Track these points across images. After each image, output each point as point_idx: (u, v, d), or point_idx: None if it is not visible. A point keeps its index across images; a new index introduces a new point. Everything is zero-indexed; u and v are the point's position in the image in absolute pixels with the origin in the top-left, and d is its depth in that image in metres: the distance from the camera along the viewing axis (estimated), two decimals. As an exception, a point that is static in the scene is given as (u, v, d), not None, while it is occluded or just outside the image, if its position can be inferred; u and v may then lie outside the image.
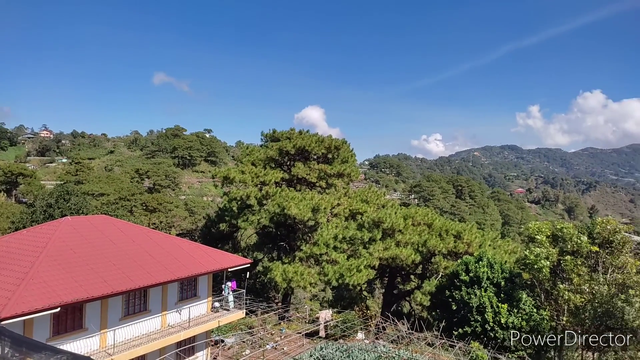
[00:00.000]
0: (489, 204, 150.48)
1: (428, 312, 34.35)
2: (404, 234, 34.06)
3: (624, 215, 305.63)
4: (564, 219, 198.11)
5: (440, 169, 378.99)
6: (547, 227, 29.94)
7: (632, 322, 22.70)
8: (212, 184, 52.81)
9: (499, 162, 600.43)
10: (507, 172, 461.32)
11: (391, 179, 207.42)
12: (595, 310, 25.11)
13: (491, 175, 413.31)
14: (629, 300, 23.17)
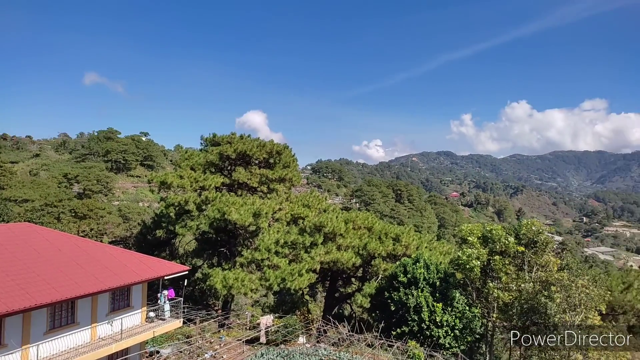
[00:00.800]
0: (426, 208, 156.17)
1: (368, 314, 35.01)
2: (345, 237, 34.48)
3: (548, 217, 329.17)
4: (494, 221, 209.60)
5: (380, 174, 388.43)
6: (478, 229, 31.61)
7: (554, 316, 24.38)
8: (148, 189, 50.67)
9: (436, 167, 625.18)
10: (442, 176, 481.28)
11: (333, 184, 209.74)
12: (522, 307, 26.77)
13: (428, 180, 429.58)
14: (550, 296, 24.88)
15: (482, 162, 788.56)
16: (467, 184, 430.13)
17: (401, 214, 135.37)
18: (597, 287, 25.59)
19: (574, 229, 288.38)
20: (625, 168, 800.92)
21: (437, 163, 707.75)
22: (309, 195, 37.24)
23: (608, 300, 27.50)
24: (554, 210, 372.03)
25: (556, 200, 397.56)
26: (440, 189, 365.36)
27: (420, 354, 25.38)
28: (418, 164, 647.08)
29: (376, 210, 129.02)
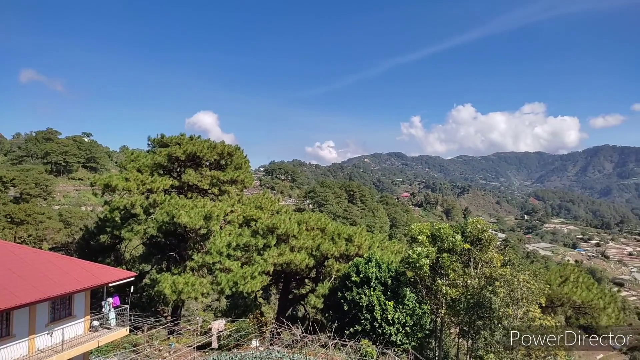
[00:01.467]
0: (379, 208, 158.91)
1: (322, 314, 35.13)
2: (298, 239, 34.41)
3: (492, 215, 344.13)
4: (442, 220, 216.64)
5: (333, 175, 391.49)
6: (427, 228, 32.52)
7: (498, 310, 25.45)
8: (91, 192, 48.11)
9: (387, 168, 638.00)
10: (394, 177, 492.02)
11: (286, 185, 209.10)
12: (468, 302, 27.76)
13: (380, 181, 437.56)
14: (495, 291, 25.96)
15: (431, 163, 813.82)
16: (417, 184, 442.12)
17: (354, 214, 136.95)
18: (537, 281, 26.95)
19: (516, 226, 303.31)
20: (562, 168, 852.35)
21: (389, 164, 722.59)
22: (262, 196, 36.87)
23: (547, 293, 28.98)
24: (498, 208, 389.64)
25: (499, 199, 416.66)
26: (391, 189, 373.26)
27: (372, 352, 25.74)
28: (370, 165, 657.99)
29: (329, 211, 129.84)
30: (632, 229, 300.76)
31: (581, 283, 34.23)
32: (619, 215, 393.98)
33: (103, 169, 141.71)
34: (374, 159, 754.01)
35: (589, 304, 32.74)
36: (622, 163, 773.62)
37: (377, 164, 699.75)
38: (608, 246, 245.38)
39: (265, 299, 57.64)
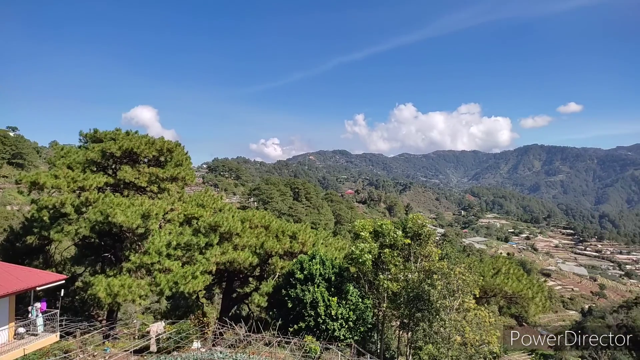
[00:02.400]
0: (324, 205, 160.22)
1: (266, 313, 34.88)
2: (241, 237, 33.90)
3: (432, 211, 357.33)
4: (385, 217, 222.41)
5: (278, 172, 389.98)
6: (370, 225, 33.19)
7: (436, 302, 26.46)
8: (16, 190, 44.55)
9: (332, 165, 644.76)
10: (338, 174, 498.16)
11: (230, 183, 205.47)
12: (408, 295, 28.66)
13: (325, 178, 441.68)
14: (433, 284, 26.96)
15: (375, 160, 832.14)
16: (362, 181, 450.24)
17: (299, 211, 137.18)
18: (472, 273, 28.25)
19: (454, 221, 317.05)
20: (495, 166, 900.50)
21: (333, 161, 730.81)
22: (204, 194, 35.93)
23: (481, 285, 30.52)
24: (437, 204, 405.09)
25: (439, 196, 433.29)
26: (336, 186, 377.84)
27: (316, 348, 25.89)
28: (315, 162, 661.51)
29: (274, 208, 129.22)
30: (557, 223, 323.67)
31: (512, 274, 36.38)
32: (547, 210, 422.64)
33: (30, 165, 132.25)
34: (319, 156, 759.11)
35: (519, 294, 34.83)
36: (549, 161, 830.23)
37: (322, 161, 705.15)
38: (537, 239, 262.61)
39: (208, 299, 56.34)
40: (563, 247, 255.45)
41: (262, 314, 36.84)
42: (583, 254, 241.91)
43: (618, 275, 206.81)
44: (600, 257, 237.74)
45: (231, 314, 39.45)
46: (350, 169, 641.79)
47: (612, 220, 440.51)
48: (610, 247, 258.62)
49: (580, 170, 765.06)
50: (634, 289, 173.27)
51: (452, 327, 25.50)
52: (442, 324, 25.91)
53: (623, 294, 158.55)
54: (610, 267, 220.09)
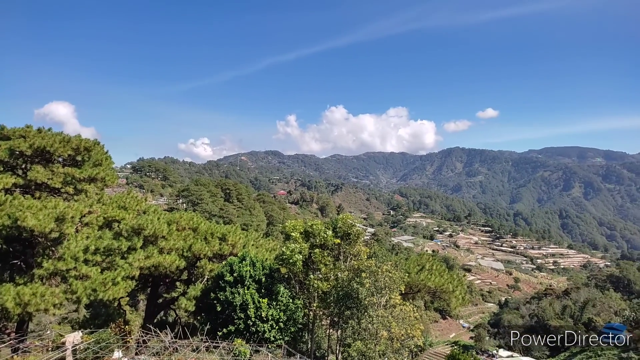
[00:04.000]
0: (256, 206, 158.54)
1: (194, 317, 33.89)
2: (167, 240, 32.63)
3: (363, 211, 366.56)
4: (318, 217, 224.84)
5: (209, 173, 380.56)
6: (301, 225, 33.31)
7: (364, 299, 27.15)
8: None
9: (264, 166, 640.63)
10: (271, 175, 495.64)
11: (157, 184, 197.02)
12: (338, 294, 29.14)
13: (257, 179, 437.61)
14: (361, 282, 27.64)
15: (307, 161, 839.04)
16: (294, 182, 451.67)
17: (230, 213, 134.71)
18: (398, 270, 29.34)
19: (384, 221, 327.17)
20: (421, 167, 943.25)
21: (266, 162, 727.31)
22: (126, 195, 34.07)
23: (407, 281, 31.82)
24: (368, 205, 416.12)
25: (369, 196, 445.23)
26: (268, 187, 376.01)
27: (245, 351, 25.52)
28: (247, 163, 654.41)
29: (204, 210, 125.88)
30: (477, 221, 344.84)
31: (435, 270, 38.23)
32: (467, 209, 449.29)
33: None
34: (251, 157, 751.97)
35: (441, 289, 36.65)
36: (470, 163, 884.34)
37: (254, 162, 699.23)
38: (459, 237, 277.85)
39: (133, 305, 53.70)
40: (482, 244, 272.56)
41: (190, 319, 35.73)
42: (500, 250, 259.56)
43: (530, 269, 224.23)
44: (514, 252, 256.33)
45: (157, 320, 37.87)
46: (282, 169, 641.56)
47: (525, 218, 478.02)
48: (523, 242, 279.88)
49: (497, 172, 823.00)
50: (543, 281, 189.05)
51: (380, 323, 26.31)
52: (370, 320, 26.65)
53: (535, 286, 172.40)
54: (524, 262, 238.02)
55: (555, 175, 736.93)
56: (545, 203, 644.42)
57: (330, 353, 36.41)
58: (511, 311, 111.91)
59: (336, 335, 31.99)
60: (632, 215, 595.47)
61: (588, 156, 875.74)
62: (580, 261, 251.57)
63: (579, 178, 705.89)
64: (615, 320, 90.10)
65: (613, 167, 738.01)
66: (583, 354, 76.08)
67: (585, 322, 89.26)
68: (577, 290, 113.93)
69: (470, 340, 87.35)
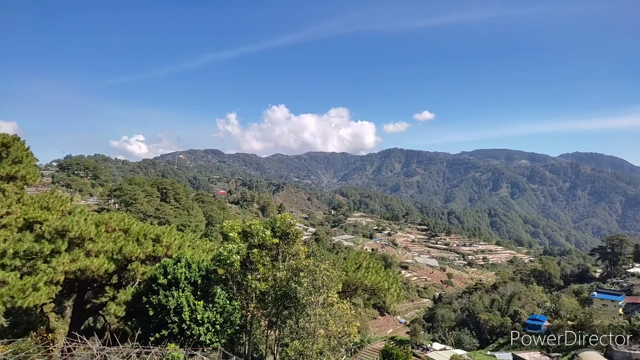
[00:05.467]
0: (194, 206, 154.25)
1: (125, 323, 32.38)
2: (95, 242, 30.93)
3: (304, 211, 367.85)
4: (258, 217, 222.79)
5: (144, 172, 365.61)
6: (239, 225, 32.87)
7: (302, 299, 27.22)
8: None
9: (203, 165, 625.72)
10: (210, 175, 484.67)
11: (86, 183, 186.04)
12: (276, 294, 29.03)
13: (196, 178, 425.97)
14: (299, 281, 27.69)
15: (248, 160, 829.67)
16: (235, 181, 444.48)
17: (167, 213, 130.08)
18: (335, 269, 29.71)
19: (325, 220, 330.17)
20: (362, 168, 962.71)
21: (205, 161, 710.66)
22: (49, 195, 31.89)
23: (344, 279, 32.29)
24: (309, 204, 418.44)
25: (311, 196, 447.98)
26: (208, 187, 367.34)
27: (179, 356, 24.70)
28: (186, 162, 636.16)
29: (139, 210, 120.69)
30: (414, 220, 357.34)
31: (372, 268, 39.11)
32: (405, 209, 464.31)
33: None
34: (189, 155, 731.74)
35: (377, 286, 37.54)
36: (407, 164, 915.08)
37: (193, 160, 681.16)
38: (397, 235, 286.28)
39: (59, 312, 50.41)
40: (418, 242, 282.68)
41: (121, 324, 34.09)
42: (435, 247, 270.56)
43: (462, 265, 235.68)
44: (448, 250, 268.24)
45: (84, 327, 35.79)
46: (223, 169, 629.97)
47: (458, 216, 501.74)
48: (456, 240, 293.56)
49: (433, 173, 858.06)
50: (474, 276, 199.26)
51: (317, 322, 26.50)
52: (307, 319, 26.78)
53: (466, 281, 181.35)
54: (457, 258, 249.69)
55: (485, 176, 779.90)
56: (476, 202, 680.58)
57: (268, 354, 36.16)
58: (444, 306, 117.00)
59: (274, 335, 31.85)
60: (553, 213, 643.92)
61: (515, 158, 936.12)
62: (507, 257, 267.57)
63: (507, 179, 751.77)
64: (537, 311, 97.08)
65: (537, 168, 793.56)
66: (509, 344, 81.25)
67: (512, 314, 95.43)
68: (504, 285, 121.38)
69: (406, 335, 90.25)
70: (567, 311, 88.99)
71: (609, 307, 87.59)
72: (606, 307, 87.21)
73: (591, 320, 74.28)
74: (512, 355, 71.10)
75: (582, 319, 76.10)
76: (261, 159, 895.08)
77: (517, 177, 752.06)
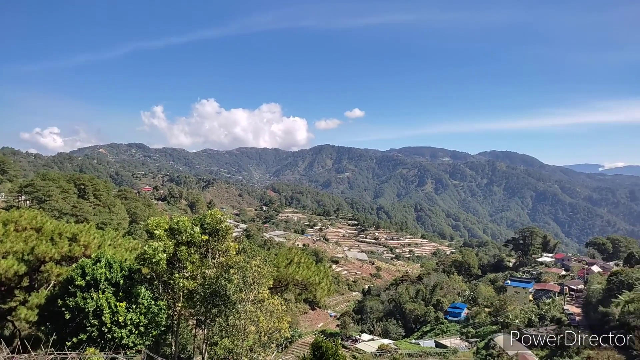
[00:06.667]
0: (116, 203, 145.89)
1: (38, 328, 29.98)
2: (3, 242, 28.40)
3: (235, 207, 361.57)
4: (187, 214, 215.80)
5: (59, 167, 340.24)
6: (165, 222, 31.60)
7: (232, 296, 26.80)
8: None
9: (127, 160, 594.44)
10: (135, 170, 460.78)
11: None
12: (205, 292, 28.33)
13: (118, 174, 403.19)
14: (229, 278, 27.24)
15: (176, 156, 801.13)
16: (161, 177, 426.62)
17: (85, 211, 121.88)
18: (267, 265, 29.57)
19: (256, 216, 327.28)
20: (294, 163, 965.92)
21: (129, 156, 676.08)
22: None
23: (276, 275, 32.23)
24: (240, 200, 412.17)
25: (242, 192, 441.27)
26: (132, 182, 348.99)
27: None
28: (107, 156, 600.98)
29: (53, 208, 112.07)
30: (345, 215, 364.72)
31: (303, 263, 39.41)
32: (336, 204, 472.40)
33: None
34: (111, 149, 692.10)
35: (308, 281, 37.90)
36: (339, 160, 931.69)
37: (115, 155, 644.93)
38: (328, 230, 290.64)
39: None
40: (349, 236, 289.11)
41: (33, 330, 31.53)
42: (364, 242, 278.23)
43: (390, 258, 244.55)
44: (377, 244, 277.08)
45: (-11, 335, 32.61)
46: (148, 164, 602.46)
47: (386, 211, 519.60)
48: (385, 234, 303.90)
49: (363, 169, 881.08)
50: (401, 268, 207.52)
51: (248, 319, 26.26)
52: (237, 316, 26.44)
53: (393, 274, 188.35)
54: (385, 252, 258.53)
55: (412, 172, 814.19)
56: (403, 197, 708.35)
57: (196, 354, 35.20)
58: (373, 298, 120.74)
59: (203, 334, 31.07)
60: (472, 208, 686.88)
61: (439, 155, 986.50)
62: (431, 249, 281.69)
63: (431, 175, 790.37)
64: (458, 300, 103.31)
65: (458, 165, 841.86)
66: (432, 332, 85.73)
67: (435, 303, 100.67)
68: (428, 276, 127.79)
69: (336, 328, 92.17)
70: (484, 299, 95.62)
71: (521, 293, 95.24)
72: (518, 294, 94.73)
73: (505, 307, 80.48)
74: (435, 342, 75.10)
75: (497, 306, 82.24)
76: (190, 154, 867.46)
77: (441, 174, 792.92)
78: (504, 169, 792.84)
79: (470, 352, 69.21)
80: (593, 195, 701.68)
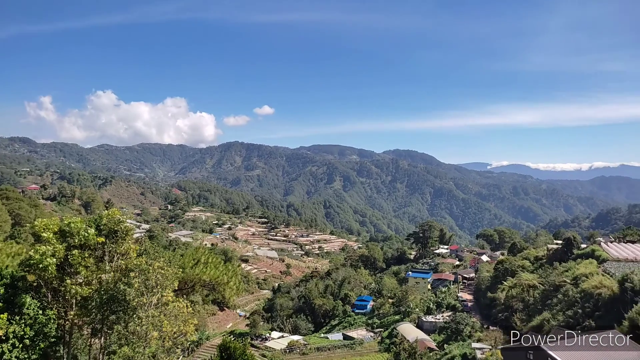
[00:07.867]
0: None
1: None
2: None
3: (137, 206, 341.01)
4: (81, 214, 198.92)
5: None
6: (55, 224, 28.79)
7: (132, 301, 25.19)
8: None
9: (8, 155, 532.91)
10: (18, 167, 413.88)
11: None
12: (102, 298, 26.31)
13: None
14: (129, 282, 25.58)
15: (68, 151, 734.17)
16: (50, 175, 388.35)
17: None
18: (171, 267, 28.27)
19: (161, 216, 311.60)
20: (201, 160, 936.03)
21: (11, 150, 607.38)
22: None
23: (181, 276, 30.91)
24: (143, 199, 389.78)
25: (144, 190, 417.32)
26: (15, 180, 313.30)
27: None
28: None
29: None
30: (255, 213, 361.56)
31: (211, 263, 38.31)
32: (246, 202, 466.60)
33: None
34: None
35: (216, 281, 36.96)
36: (248, 157, 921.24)
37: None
38: (237, 229, 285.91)
39: None
40: (259, 234, 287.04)
41: None
42: (274, 239, 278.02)
43: (300, 254, 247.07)
44: (287, 241, 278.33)
45: None
46: (34, 160, 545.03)
47: (296, 209, 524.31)
48: (295, 231, 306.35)
49: (273, 166, 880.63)
50: (311, 265, 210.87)
51: (150, 324, 24.91)
52: (139, 322, 24.96)
53: (303, 270, 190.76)
54: (295, 249, 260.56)
55: (321, 170, 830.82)
56: (313, 195, 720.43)
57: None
58: (283, 295, 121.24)
59: (99, 343, 28.87)
60: (377, 204, 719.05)
61: (347, 153, 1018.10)
62: (339, 245, 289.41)
63: (340, 172, 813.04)
64: (364, 292, 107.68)
65: (365, 163, 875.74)
66: (340, 325, 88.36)
67: (343, 297, 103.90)
68: (337, 271, 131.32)
69: (246, 328, 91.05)
70: (388, 290, 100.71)
71: (421, 284, 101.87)
72: (418, 284, 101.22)
73: (407, 297, 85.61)
74: (343, 335, 77.55)
75: (400, 296, 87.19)
76: (84, 150, 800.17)
77: (349, 171, 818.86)
78: (406, 167, 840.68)
79: (375, 342, 72.57)
80: (482, 191, 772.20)
